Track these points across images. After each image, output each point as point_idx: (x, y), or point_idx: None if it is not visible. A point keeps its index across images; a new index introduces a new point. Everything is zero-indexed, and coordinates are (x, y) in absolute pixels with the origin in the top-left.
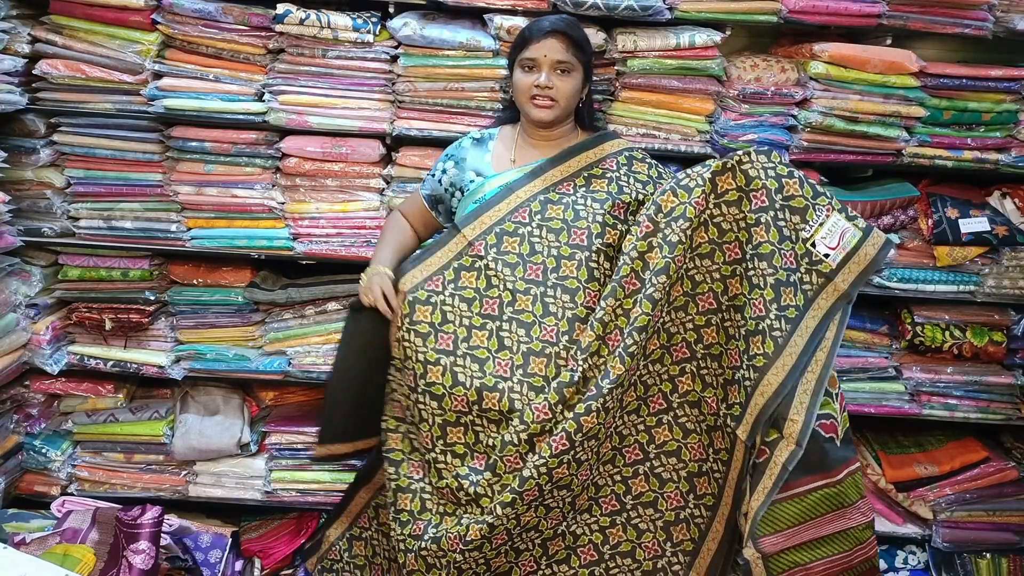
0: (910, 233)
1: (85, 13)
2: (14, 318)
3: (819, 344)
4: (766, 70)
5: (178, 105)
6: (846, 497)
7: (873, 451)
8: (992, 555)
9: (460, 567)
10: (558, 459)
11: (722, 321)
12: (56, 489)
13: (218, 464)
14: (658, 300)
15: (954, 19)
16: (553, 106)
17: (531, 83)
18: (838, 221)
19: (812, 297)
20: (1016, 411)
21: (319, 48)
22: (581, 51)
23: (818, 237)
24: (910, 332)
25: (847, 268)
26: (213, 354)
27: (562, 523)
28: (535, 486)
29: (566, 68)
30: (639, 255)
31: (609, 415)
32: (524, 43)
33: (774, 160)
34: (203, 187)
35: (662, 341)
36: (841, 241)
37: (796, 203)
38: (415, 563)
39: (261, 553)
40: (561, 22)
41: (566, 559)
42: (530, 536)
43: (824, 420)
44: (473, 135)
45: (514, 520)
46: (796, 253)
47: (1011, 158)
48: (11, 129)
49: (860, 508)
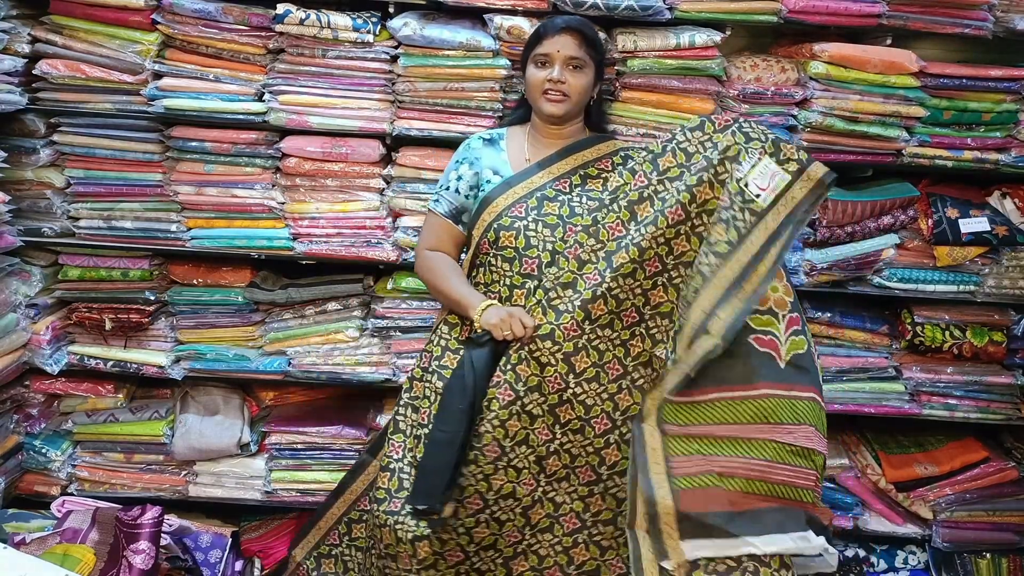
0: (910, 233)
1: (85, 13)
2: (14, 318)
3: (760, 261)
4: (766, 70)
5: (178, 105)
6: (774, 414)
7: (873, 451)
8: (992, 555)
9: (441, 538)
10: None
11: (670, 280)
12: (56, 489)
13: (218, 464)
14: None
15: (954, 19)
16: (565, 101)
17: (544, 77)
18: (768, 164)
19: (745, 234)
20: (1016, 411)
21: (319, 48)
22: (594, 49)
23: (750, 178)
24: (910, 332)
25: (776, 209)
26: (213, 354)
27: (538, 488)
28: (492, 441)
29: (578, 64)
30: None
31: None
32: (538, 39)
33: (708, 129)
34: (203, 187)
35: (610, 307)
36: (771, 184)
37: (731, 152)
38: (390, 537)
39: (261, 553)
40: (575, 20)
41: (549, 527)
42: (508, 505)
43: (762, 335)
44: (482, 135)
45: (484, 483)
46: (730, 192)
47: (1011, 158)
48: (11, 129)
49: (794, 431)
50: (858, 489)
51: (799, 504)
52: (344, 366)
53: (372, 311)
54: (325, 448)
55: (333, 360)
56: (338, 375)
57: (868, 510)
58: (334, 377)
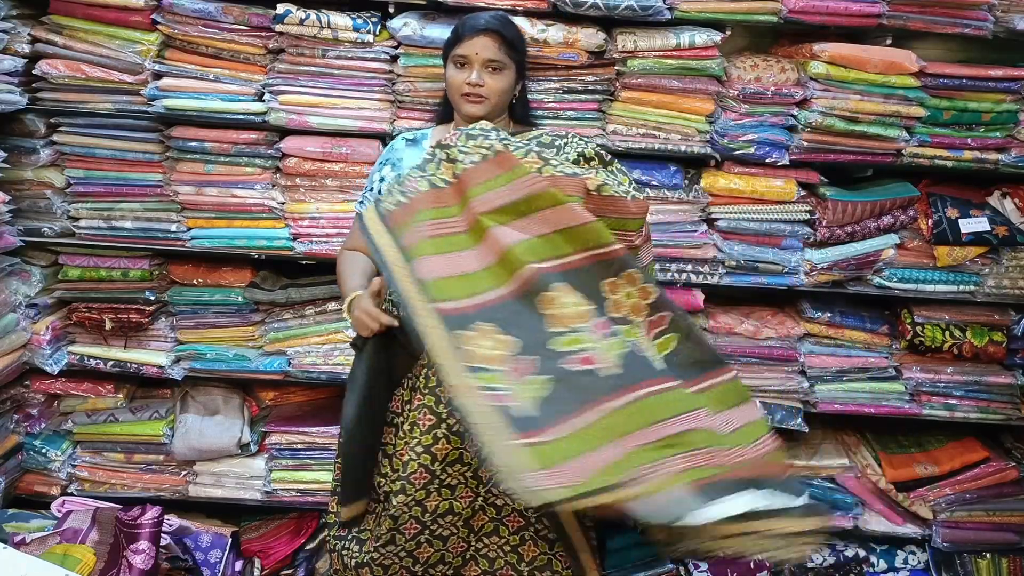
0: (910, 233)
1: (85, 13)
2: (14, 318)
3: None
4: (766, 70)
5: (178, 105)
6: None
7: (873, 451)
8: (992, 555)
9: (383, 564)
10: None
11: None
12: (56, 489)
13: (218, 464)
14: None
15: (954, 19)
16: (483, 102)
17: (463, 80)
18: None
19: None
20: (1016, 411)
21: (319, 48)
22: (513, 49)
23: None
24: (910, 332)
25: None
26: (213, 354)
27: (477, 498)
28: (419, 468)
29: (497, 67)
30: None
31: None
32: (457, 39)
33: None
34: (203, 187)
35: (491, 515)
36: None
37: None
38: (337, 562)
39: (261, 553)
40: (495, 20)
41: (494, 530)
42: (449, 521)
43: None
44: (405, 136)
45: (417, 507)
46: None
47: (1011, 158)
48: (11, 129)
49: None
50: (858, 489)
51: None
52: (344, 366)
53: None
54: (325, 448)
55: (333, 360)
56: (338, 375)
57: (868, 510)
58: (334, 377)
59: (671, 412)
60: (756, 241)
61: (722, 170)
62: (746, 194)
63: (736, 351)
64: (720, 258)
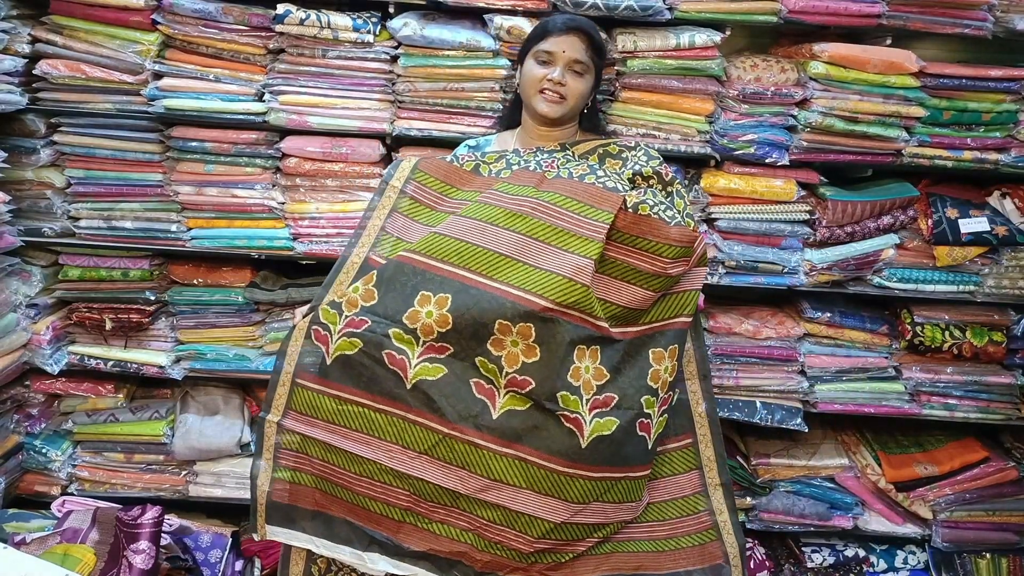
0: (910, 233)
1: (85, 13)
2: (14, 318)
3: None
4: (766, 70)
5: (178, 105)
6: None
7: (873, 451)
8: (992, 555)
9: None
10: None
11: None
12: (56, 489)
13: (218, 464)
14: None
15: (954, 19)
16: (562, 103)
17: (544, 75)
18: None
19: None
20: (1016, 411)
21: (319, 48)
22: (598, 54)
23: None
24: (910, 332)
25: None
26: (213, 354)
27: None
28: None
29: (581, 69)
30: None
31: None
32: (543, 34)
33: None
34: (203, 187)
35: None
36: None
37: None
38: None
39: (261, 553)
40: (585, 21)
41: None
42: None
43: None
44: (468, 144)
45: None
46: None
47: (1011, 158)
48: (11, 129)
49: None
50: (858, 489)
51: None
52: None
53: None
54: None
55: None
56: None
57: (868, 510)
58: None
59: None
60: (756, 241)
61: (722, 170)
62: (746, 194)
63: (736, 351)
64: (720, 258)
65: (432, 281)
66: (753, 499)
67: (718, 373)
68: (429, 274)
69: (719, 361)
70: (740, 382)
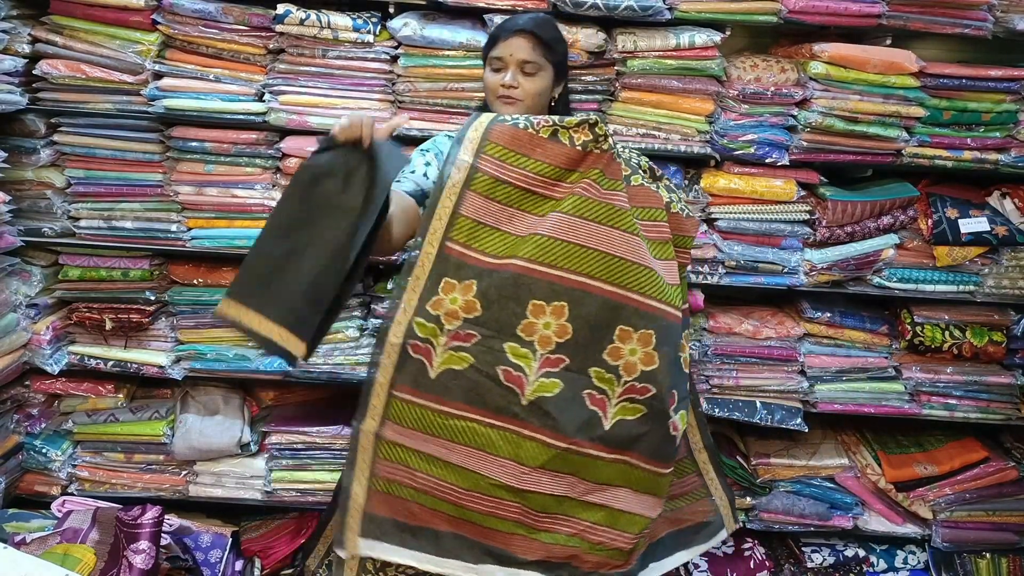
0: (910, 233)
1: (85, 13)
2: (14, 318)
3: None
4: (766, 70)
5: (178, 105)
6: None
7: (873, 451)
8: (992, 555)
9: None
10: None
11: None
12: (56, 489)
13: (218, 464)
14: None
15: (954, 19)
16: (517, 104)
17: (497, 81)
18: None
19: None
20: (1016, 411)
21: (319, 48)
22: (550, 51)
23: None
24: (910, 332)
25: None
26: (213, 354)
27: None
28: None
29: (532, 68)
30: None
31: None
32: (493, 42)
33: None
34: (203, 187)
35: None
36: None
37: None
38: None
39: (261, 553)
40: (531, 22)
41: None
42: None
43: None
44: (448, 134)
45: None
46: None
47: (1011, 158)
48: (11, 129)
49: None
50: (858, 489)
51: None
52: (344, 366)
53: (372, 311)
54: (325, 448)
55: (333, 360)
56: (338, 375)
57: (868, 510)
58: (334, 377)
59: (571, 469)
60: (756, 241)
61: (722, 170)
62: (746, 194)
63: (736, 351)
64: (720, 258)
65: (544, 288)
66: (753, 499)
67: (718, 373)
68: (541, 280)
69: (719, 361)
70: (740, 382)
